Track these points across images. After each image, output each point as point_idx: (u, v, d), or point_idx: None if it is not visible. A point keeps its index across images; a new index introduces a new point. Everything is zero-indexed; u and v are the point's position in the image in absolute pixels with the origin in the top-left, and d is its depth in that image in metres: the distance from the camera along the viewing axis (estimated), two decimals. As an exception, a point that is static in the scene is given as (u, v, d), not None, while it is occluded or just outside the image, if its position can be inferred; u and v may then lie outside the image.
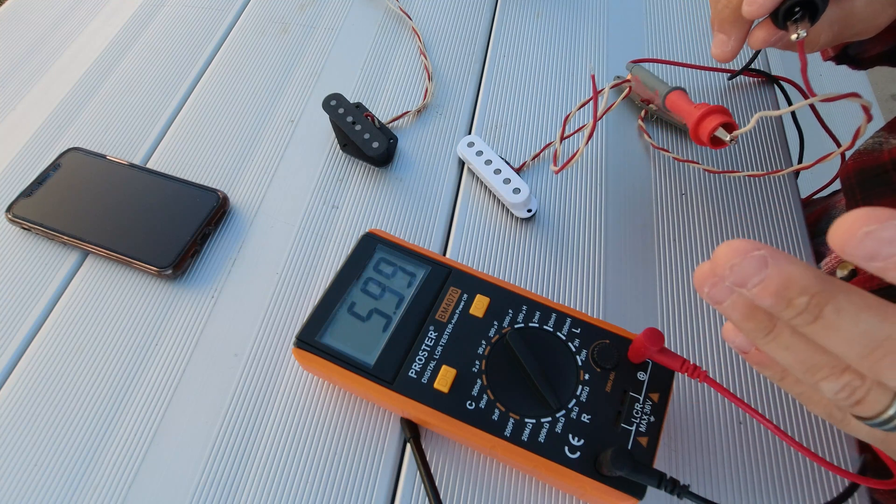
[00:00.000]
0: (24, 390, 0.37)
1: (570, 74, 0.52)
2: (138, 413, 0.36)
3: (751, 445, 0.34)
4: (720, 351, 0.38)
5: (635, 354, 0.32)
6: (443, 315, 0.35)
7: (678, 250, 0.42)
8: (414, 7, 0.58)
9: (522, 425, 0.31)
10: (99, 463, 0.34)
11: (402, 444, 0.35)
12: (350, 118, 0.47)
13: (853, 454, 0.34)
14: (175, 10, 0.59)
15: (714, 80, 0.52)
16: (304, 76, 0.53)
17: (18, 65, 0.54)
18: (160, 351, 0.38)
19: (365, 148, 0.45)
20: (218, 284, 0.41)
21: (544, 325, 0.34)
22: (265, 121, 0.50)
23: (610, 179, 0.46)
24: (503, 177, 0.44)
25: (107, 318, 0.39)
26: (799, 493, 0.33)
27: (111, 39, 0.56)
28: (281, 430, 0.35)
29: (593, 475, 0.29)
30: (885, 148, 0.40)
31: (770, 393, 0.36)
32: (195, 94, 0.52)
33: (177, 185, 0.44)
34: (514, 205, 0.43)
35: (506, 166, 0.44)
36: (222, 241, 0.43)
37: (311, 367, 0.35)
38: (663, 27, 0.56)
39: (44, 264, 0.42)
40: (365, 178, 0.46)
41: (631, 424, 0.31)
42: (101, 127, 0.50)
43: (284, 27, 0.57)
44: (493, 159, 0.44)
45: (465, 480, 0.33)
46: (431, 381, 0.32)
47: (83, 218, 0.42)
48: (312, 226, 0.44)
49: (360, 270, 0.36)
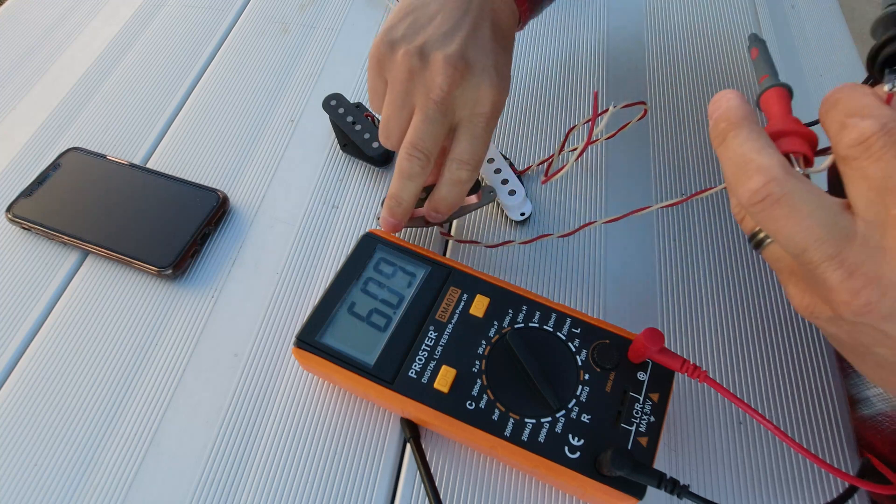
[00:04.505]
0: (24, 390, 0.36)
1: (569, 75, 0.52)
2: (138, 413, 0.36)
3: (751, 445, 0.34)
4: (720, 351, 0.38)
5: (635, 354, 0.32)
6: (443, 315, 0.35)
7: (678, 250, 0.42)
8: (414, 7, 0.58)
9: (522, 425, 0.31)
10: (99, 463, 0.34)
11: (402, 444, 0.35)
12: (350, 118, 0.47)
13: (853, 456, 0.34)
14: (175, 10, 0.59)
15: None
16: (304, 76, 0.53)
17: (18, 65, 0.54)
18: (160, 351, 0.38)
19: (365, 148, 0.45)
20: (218, 284, 0.41)
21: (544, 325, 0.34)
22: (265, 121, 0.50)
23: (610, 179, 0.46)
24: (501, 177, 0.44)
25: (107, 318, 0.39)
26: (798, 493, 0.33)
27: (111, 39, 0.56)
28: (281, 430, 0.35)
29: (593, 475, 0.29)
30: None
31: (770, 393, 0.36)
32: (195, 94, 0.52)
33: (177, 185, 0.44)
34: (509, 206, 0.43)
35: (507, 167, 0.44)
36: (222, 241, 0.43)
37: (311, 367, 0.35)
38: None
39: (44, 264, 0.42)
40: (365, 178, 0.46)
41: (631, 424, 0.31)
42: (101, 127, 0.50)
43: (284, 27, 0.57)
44: (496, 157, 0.44)
45: (465, 480, 0.33)
46: (431, 381, 0.32)
47: (83, 218, 0.42)
48: (312, 226, 0.44)
49: (360, 270, 0.36)
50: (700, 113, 0.50)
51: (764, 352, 0.38)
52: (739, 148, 0.25)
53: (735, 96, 0.27)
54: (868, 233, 0.22)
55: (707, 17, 0.57)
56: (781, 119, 0.29)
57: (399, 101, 0.36)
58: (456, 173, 0.36)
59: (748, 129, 0.25)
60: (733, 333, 0.38)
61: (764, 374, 0.37)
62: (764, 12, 0.59)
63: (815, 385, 0.37)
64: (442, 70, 0.34)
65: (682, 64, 0.53)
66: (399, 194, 0.37)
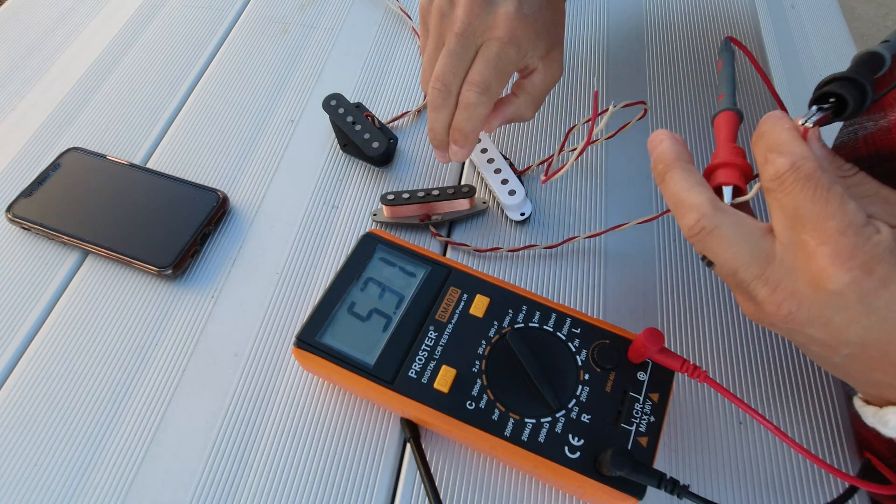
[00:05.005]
0: (24, 390, 0.37)
1: (575, 79, 0.52)
2: (138, 413, 0.36)
3: (751, 445, 0.34)
4: (720, 351, 0.38)
5: (635, 354, 0.32)
6: (443, 315, 0.35)
7: (678, 250, 0.42)
8: (414, 7, 0.58)
9: (522, 425, 0.31)
10: (99, 463, 0.34)
11: (402, 444, 0.35)
12: (350, 118, 0.47)
13: (853, 456, 0.34)
14: (175, 10, 0.59)
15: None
16: (304, 76, 0.53)
17: (18, 65, 0.54)
18: (160, 351, 0.38)
19: (365, 148, 0.45)
20: (218, 284, 0.41)
21: (544, 325, 0.34)
22: (265, 121, 0.50)
23: (610, 179, 0.46)
24: (501, 177, 0.44)
25: (107, 318, 0.39)
26: (798, 493, 0.33)
27: (111, 39, 0.56)
28: (281, 430, 0.35)
29: (593, 475, 0.29)
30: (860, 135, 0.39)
31: (770, 393, 0.36)
32: (195, 94, 0.52)
33: (177, 185, 0.44)
34: (508, 206, 0.43)
35: (507, 167, 0.44)
36: (222, 241, 0.43)
37: (311, 367, 0.35)
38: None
39: (44, 264, 0.42)
40: (365, 178, 0.46)
41: (631, 424, 0.31)
42: (101, 127, 0.50)
43: (284, 27, 0.57)
44: (496, 157, 0.45)
45: (465, 480, 0.33)
46: (431, 381, 0.32)
47: (83, 218, 0.42)
48: (312, 226, 0.44)
49: (360, 270, 0.36)
50: (700, 113, 0.50)
51: (764, 352, 0.38)
52: (674, 187, 0.29)
53: (667, 137, 0.31)
54: (784, 254, 0.27)
55: (707, 17, 0.57)
56: (723, 147, 0.32)
57: (432, 45, 0.39)
58: (465, 95, 0.37)
59: (680, 170, 0.29)
60: (733, 333, 0.38)
61: (764, 374, 0.37)
62: (764, 12, 0.59)
63: (815, 385, 0.37)
64: (462, 4, 0.36)
65: (682, 64, 0.53)
66: (431, 126, 0.39)
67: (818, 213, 0.25)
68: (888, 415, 0.28)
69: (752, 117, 0.49)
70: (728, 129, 0.34)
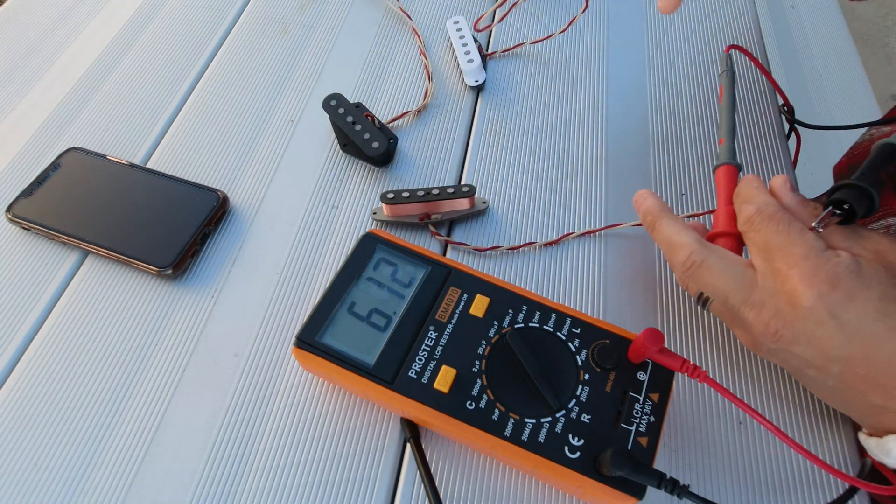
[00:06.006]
0: (24, 390, 0.37)
1: (570, 73, 0.52)
2: (138, 413, 0.36)
3: (751, 445, 0.34)
4: (720, 351, 0.38)
5: (635, 354, 0.32)
6: (443, 315, 0.35)
7: (678, 250, 0.42)
8: (414, 7, 0.58)
9: (522, 425, 0.31)
10: (99, 463, 0.34)
11: (402, 444, 0.35)
12: (350, 118, 0.47)
13: (853, 456, 0.34)
14: (175, 10, 0.59)
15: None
16: (304, 76, 0.53)
17: (18, 65, 0.54)
18: (160, 351, 0.38)
19: (365, 148, 0.45)
20: (218, 284, 0.41)
21: (544, 325, 0.34)
22: (265, 121, 0.50)
23: (610, 178, 0.46)
24: (466, 49, 0.51)
25: (107, 318, 0.39)
26: (798, 493, 0.33)
27: (111, 39, 0.56)
28: (281, 430, 0.35)
29: (593, 475, 0.29)
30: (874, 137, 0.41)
31: (770, 393, 0.36)
32: (195, 94, 0.52)
33: (177, 185, 0.44)
34: (466, 72, 0.50)
35: (475, 48, 0.51)
36: (222, 241, 0.43)
37: (311, 367, 0.35)
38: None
39: (44, 264, 0.42)
40: (365, 178, 0.46)
41: (631, 424, 0.31)
42: (101, 127, 0.50)
43: (284, 27, 0.57)
44: (469, 42, 0.52)
45: (465, 480, 0.33)
46: (431, 381, 0.32)
47: (83, 218, 0.42)
48: (312, 226, 0.44)
49: (360, 270, 0.36)
50: (700, 113, 0.50)
51: (764, 352, 0.38)
52: (665, 231, 0.35)
53: (650, 196, 0.38)
54: (764, 281, 0.31)
55: (707, 17, 0.57)
56: (722, 212, 0.37)
57: None
58: None
59: (667, 219, 0.36)
60: (733, 334, 0.38)
61: (764, 374, 0.37)
62: (764, 12, 0.59)
63: (815, 385, 0.37)
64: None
65: (681, 64, 0.53)
66: None
67: (784, 242, 0.30)
68: (889, 443, 0.29)
69: (753, 118, 0.49)
70: (727, 186, 0.38)
